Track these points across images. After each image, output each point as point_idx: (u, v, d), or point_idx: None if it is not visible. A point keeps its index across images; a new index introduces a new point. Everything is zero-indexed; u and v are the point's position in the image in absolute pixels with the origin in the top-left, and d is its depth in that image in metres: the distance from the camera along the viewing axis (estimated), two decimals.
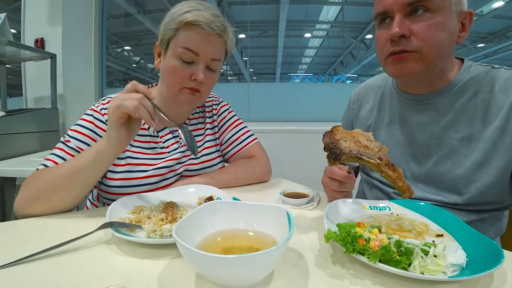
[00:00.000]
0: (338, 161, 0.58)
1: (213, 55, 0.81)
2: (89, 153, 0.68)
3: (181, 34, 0.78)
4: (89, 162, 0.67)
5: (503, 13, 4.62)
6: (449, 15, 0.66)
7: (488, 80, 0.71)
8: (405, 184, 0.57)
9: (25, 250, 0.50)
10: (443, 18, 0.65)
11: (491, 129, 0.69)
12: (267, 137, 2.16)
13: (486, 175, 0.69)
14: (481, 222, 0.74)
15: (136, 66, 7.26)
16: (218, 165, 1.00)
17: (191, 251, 0.37)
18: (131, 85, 0.67)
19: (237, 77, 7.86)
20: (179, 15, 0.78)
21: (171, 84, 0.82)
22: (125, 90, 0.67)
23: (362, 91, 0.96)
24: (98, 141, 0.71)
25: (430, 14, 0.65)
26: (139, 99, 0.64)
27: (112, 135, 0.66)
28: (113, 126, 0.65)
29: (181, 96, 0.83)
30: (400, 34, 0.66)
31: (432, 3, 0.64)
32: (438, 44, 0.66)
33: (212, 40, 0.80)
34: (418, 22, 0.65)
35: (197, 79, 0.80)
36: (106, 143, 0.67)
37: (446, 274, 0.44)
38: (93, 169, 0.69)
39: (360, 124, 0.92)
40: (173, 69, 0.80)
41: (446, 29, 0.66)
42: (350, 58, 7.22)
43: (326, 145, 0.60)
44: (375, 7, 0.71)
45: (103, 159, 0.68)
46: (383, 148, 0.61)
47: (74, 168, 0.68)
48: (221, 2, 4.31)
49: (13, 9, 3.28)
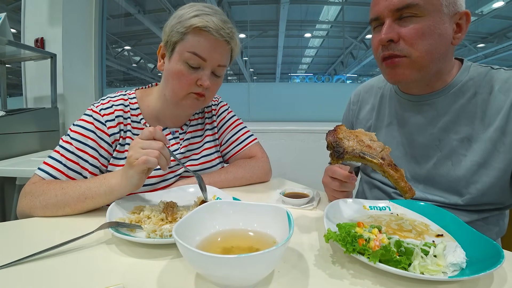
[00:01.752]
0: (341, 160, 0.58)
1: (219, 61, 0.81)
2: (102, 185, 0.69)
3: (189, 38, 0.77)
4: (101, 194, 0.69)
5: (503, 13, 4.62)
6: (439, 18, 0.66)
7: (488, 81, 0.71)
8: (407, 185, 0.57)
9: (25, 250, 0.49)
10: (432, 22, 0.65)
11: (491, 130, 0.69)
12: (267, 137, 2.16)
13: (486, 176, 0.69)
14: (483, 221, 0.74)
15: (136, 66, 7.26)
16: (218, 166, 1.00)
17: (191, 251, 0.37)
18: (148, 133, 0.67)
19: (237, 77, 7.85)
20: (187, 19, 0.77)
21: (177, 89, 0.81)
22: (144, 136, 0.67)
23: (362, 92, 0.96)
24: (112, 175, 0.71)
25: (418, 18, 0.66)
26: (160, 150, 0.66)
27: (131, 181, 0.67)
28: (135, 176, 0.66)
29: (186, 101, 0.83)
30: (388, 39, 0.68)
31: (419, 8, 0.65)
32: (427, 48, 0.67)
33: (219, 47, 0.79)
34: (406, 26, 0.67)
35: (203, 85, 0.80)
36: (121, 183, 0.68)
37: (446, 274, 0.44)
38: (104, 200, 0.70)
39: (360, 125, 0.92)
40: (179, 73, 0.79)
41: (435, 32, 0.66)
42: (350, 58, 7.22)
43: (329, 144, 0.60)
44: (370, 13, 0.73)
45: (115, 195, 0.70)
46: (385, 148, 0.61)
47: (86, 195, 0.69)
48: (221, 2, 4.31)
49: (13, 9, 3.28)
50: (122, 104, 0.85)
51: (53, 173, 0.75)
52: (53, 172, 0.75)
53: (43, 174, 0.75)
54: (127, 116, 0.85)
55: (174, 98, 0.83)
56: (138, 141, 0.67)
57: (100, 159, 0.80)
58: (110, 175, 0.71)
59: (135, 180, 0.67)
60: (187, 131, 0.96)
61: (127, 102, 0.87)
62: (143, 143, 0.66)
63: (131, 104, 0.87)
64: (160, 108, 0.89)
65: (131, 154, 0.66)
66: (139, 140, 0.67)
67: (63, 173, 0.75)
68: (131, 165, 0.65)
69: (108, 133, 0.81)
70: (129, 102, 0.87)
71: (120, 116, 0.83)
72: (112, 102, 0.84)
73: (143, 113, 0.88)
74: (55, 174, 0.75)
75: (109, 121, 0.81)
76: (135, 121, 0.87)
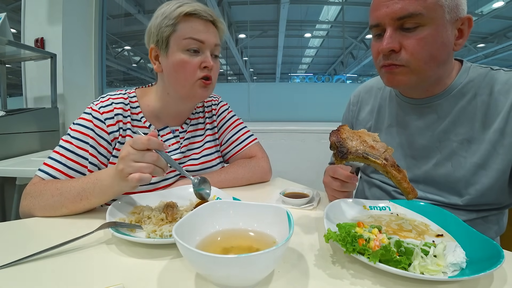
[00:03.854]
0: (344, 160, 0.58)
1: (215, 40, 0.84)
2: (96, 187, 0.68)
3: (182, 26, 0.80)
4: (95, 196, 0.68)
5: (503, 13, 4.61)
6: (442, 25, 0.64)
7: (487, 82, 0.71)
8: (409, 186, 0.57)
9: (25, 250, 0.50)
10: (434, 30, 0.64)
11: (491, 131, 0.69)
12: (267, 137, 2.16)
13: (485, 177, 0.69)
14: (482, 220, 0.74)
15: (136, 66, 7.25)
16: (218, 166, 1.00)
17: (191, 251, 0.37)
18: (141, 144, 0.61)
19: (237, 77, 7.85)
20: (173, 11, 0.79)
21: (183, 80, 0.82)
22: (137, 147, 0.61)
23: (362, 93, 0.96)
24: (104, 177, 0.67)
25: (421, 28, 0.64)
26: (154, 163, 0.62)
27: (123, 190, 0.67)
28: (127, 187, 0.65)
29: (195, 92, 0.84)
30: (389, 50, 0.66)
31: (422, 17, 0.63)
32: (427, 58, 0.65)
33: (211, 27, 0.83)
34: (409, 36, 0.65)
35: (208, 66, 0.82)
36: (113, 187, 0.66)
37: (446, 274, 0.44)
38: (99, 201, 0.70)
39: (360, 126, 0.92)
40: (182, 62, 0.80)
41: (438, 41, 0.64)
42: (350, 58, 7.21)
43: (332, 144, 0.60)
44: (370, 19, 0.70)
45: (110, 196, 0.69)
46: (388, 149, 0.61)
47: (81, 196, 0.68)
48: (221, 2, 4.31)
49: (13, 9, 3.28)
50: (122, 103, 0.85)
51: (53, 173, 0.75)
52: (53, 172, 0.75)
53: (43, 174, 0.75)
54: (127, 115, 0.85)
55: (182, 91, 0.84)
56: (130, 151, 0.61)
57: (99, 157, 0.80)
58: (103, 175, 0.68)
59: (127, 189, 0.66)
60: (187, 130, 0.96)
61: (127, 100, 0.87)
62: (135, 155, 0.61)
63: (131, 103, 0.87)
64: (160, 107, 0.89)
65: (123, 167, 0.61)
66: (131, 151, 0.61)
67: (63, 172, 0.75)
68: (122, 179, 0.62)
69: (107, 131, 0.81)
70: (129, 101, 0.87)
71: (120, 115, 0.83)
72: (112, 100, 0.84)
73: (143, 112, 0.88)
74: (55, 174, 0.75)
75: (109, 119, 0.81)
76: (135, 120, 0.87)
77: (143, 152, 0.62)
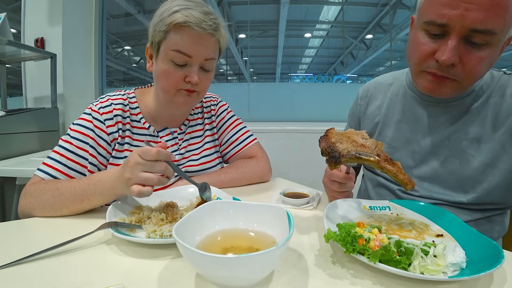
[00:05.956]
0: (338, 165, 0.58)
1: (206, 55, 0.78)
2: (97, 188, 0.68)
3: (172, 36, 0.75)
4: (96, 197, 0.68)
5: None
6: (500, 47, 0.62)
7: (501, 85, 0.73)
8: (406, 177, 0.57)
9: (25, 250, 0.50)
10: (494, 51, 0.61)
11: (501, 132, 0.70)
12: (267, 137, 2.16)
13: (493, 176, 0.71)
14: (486, 220, 0.75)
15: (136, 66, 7.25)
16: (218, 166, 1.00)
17: (191, 251, 0.37)
18: (150, 156, 0.61)
19: (237, 77, 7.84)
20: (167, 16, 0.74)
21: (166, 88, 0.80)
22: (147, 157, 0.61)
23: (371, 88, 0.94)
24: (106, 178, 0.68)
25: (486, 46, 0.60)
26: (163, 173, 0.63)
27: (125, 194, 0.68)
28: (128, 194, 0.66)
29: (178, 99, 0.82)
30: (450, 63, 0.61)
31: (494, 37, 0.58)
32: (480, 76, 0.67)
33: (204, 41, 0.77)
34: (471, 51, 0.60)
35: (192, 81, 0.78)
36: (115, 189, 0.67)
37: (446, 274, 0.44)
38: (100, 202, 0.70)
39: (367, 121, 0.91)
40: (166, 72, 0.78)
41: (493, 61, 0.63)
42: (350, 58, 7.20)
43: (323, 150, 0.60)
44: (429, 12, 0.61)
45: (111, 198, 0.69)
46: (379, 144, 0.61)
47: (82, 197, 0.68)
48: (221, 2, 4.31)
49: (13, 9, 3.28)
50: (122, 104, 0.85)
51: (53, 173, 0.75)
52: (53, 172, 0.75)
53: (43, 174, 0.75)
54: (126, 116, 0.85)
55: (165, 96, 0.83)
56: (139, 161, 0.61)
57: (99, 158, 0.80)
58: (105, 177, 0.68)
59: (128, 194, 0.67)
60: (186, 132, 0.96)
61: (127, 101, 0.87)
62: (144, 165, 0.61)
63: (131, 104, 0.87)
64: (156, 108, 0.89)
65: (130, 176, 0.61)
66: (140, 161, 0.61)
67: (63, 173, 0.75)
68: (127, 187, 0.62)
69: (107, 131, 0.81)
70: (129, 102, 0.87)
71: (119, 115, 0.83)
72: (111, 101, 0.84)
73: (142, 113, 0.88)
74: (56, 174, 0.75)
75: (108, 120, 0.81)
76: (134, 120, 0.87)
77: (152, 162, 0.62)
